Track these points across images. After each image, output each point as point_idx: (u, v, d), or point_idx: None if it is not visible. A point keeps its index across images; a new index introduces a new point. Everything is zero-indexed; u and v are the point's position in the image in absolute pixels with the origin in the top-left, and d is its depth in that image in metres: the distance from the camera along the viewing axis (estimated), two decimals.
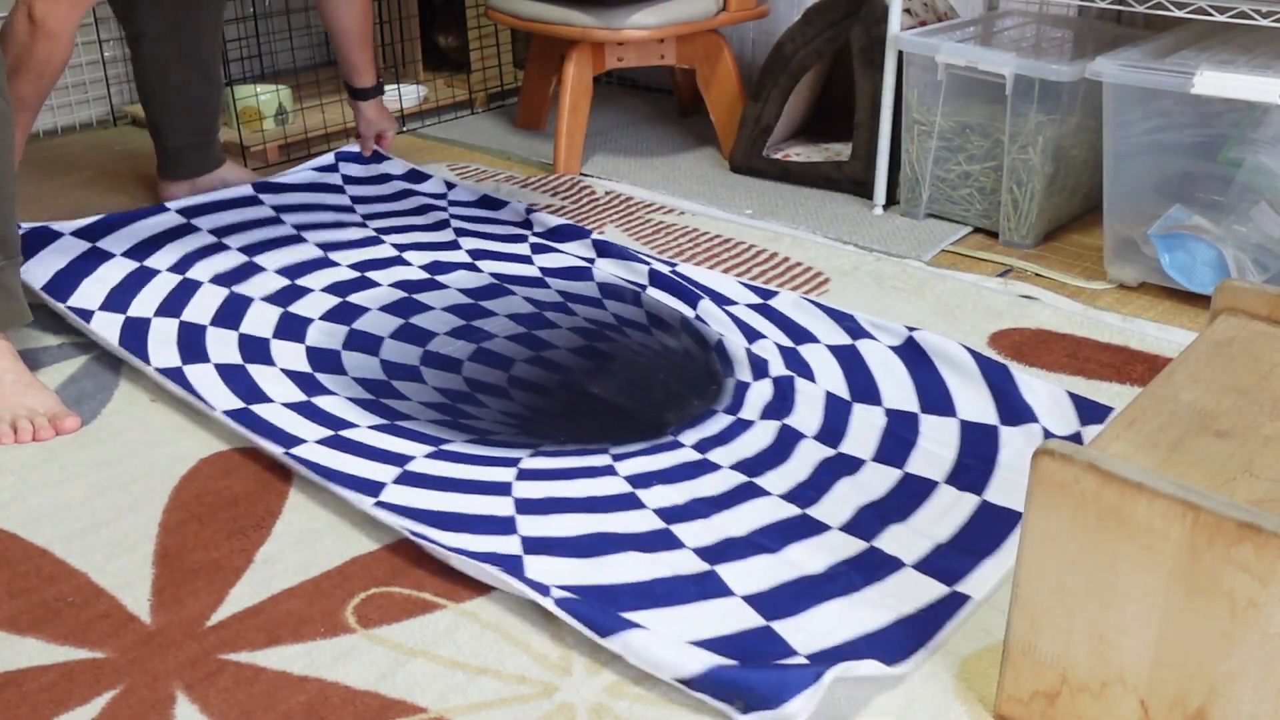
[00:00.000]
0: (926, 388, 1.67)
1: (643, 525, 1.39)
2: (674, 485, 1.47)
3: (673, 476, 1.49)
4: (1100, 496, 0.96)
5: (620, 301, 2.00)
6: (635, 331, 1.91)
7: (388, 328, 1.90)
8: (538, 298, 2.02)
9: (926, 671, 1.17)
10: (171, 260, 2.06)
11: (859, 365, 1.74)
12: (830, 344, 1.80)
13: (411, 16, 3.20)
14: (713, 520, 1.40)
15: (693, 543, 1.36)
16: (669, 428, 1.62)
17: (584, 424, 1.65)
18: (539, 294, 2.03)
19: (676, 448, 1.56)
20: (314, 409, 1.64)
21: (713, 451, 1.55)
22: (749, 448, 1.55)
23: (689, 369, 1.78)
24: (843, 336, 1.81)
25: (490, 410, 1.69)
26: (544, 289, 2.05)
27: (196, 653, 1.20)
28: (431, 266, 2.12)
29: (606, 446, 1.56)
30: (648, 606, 1.24)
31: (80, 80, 3.01)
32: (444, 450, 1.54)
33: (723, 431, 1.59)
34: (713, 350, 1.81)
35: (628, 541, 1.35)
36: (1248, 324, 1.27)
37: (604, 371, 1.80)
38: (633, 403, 1.71)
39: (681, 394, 1.72)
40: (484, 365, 1.81)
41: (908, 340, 1.76)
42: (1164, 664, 0.97)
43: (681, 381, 1.75)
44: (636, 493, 1.45)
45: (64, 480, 1.50)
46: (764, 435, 1.58)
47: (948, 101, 2.24)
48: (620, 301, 2.00)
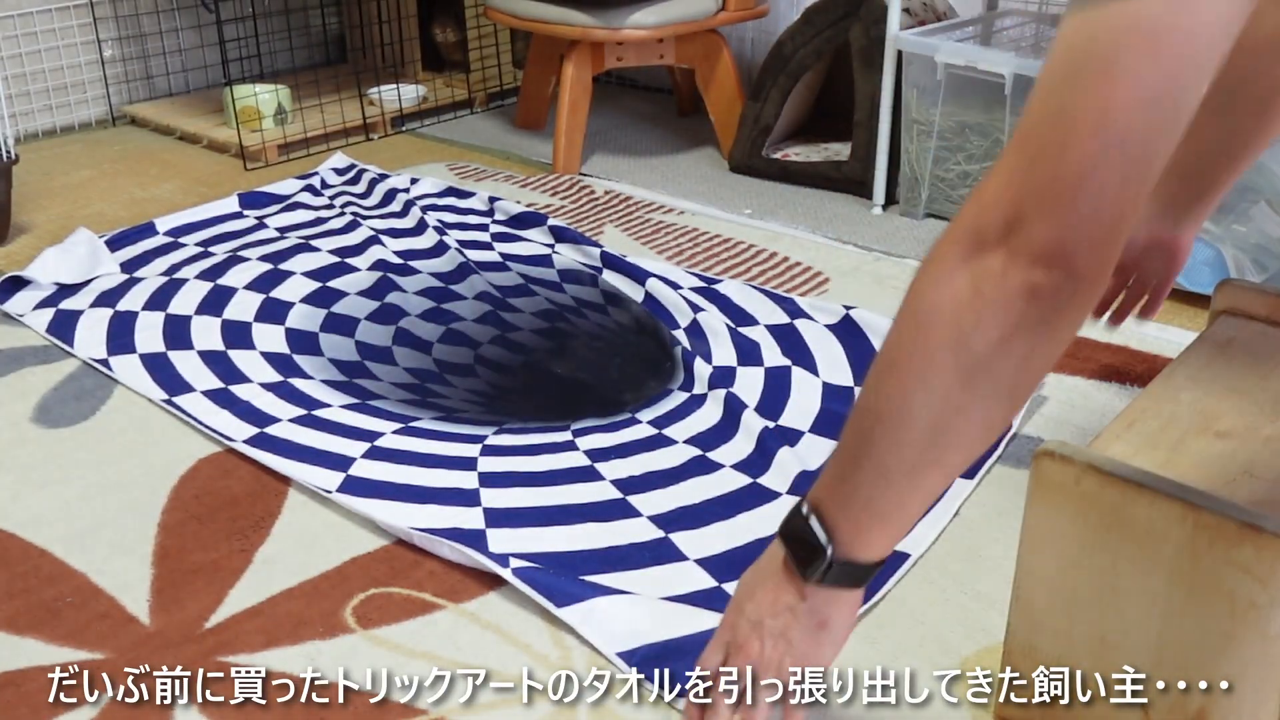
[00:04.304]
0: (862, 362, 1.73)
1: (601, 495, 1.44)
2: (631, 459, 1.52)
3: (630, 450, 1.54)
4: (1100, 497, 0.96)
5: (579, 285, 2.06)
6: (594, 313, 1.97)
7: (363, 310, 1.95)
8: (501, 282, 2.06)
9: (927, 671, 1.17)
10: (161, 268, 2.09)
11: (798, 343, 1.81)
12: (769, 324, 1.86)
13: (411, 16, 3.20)
14: (668, 491, 1.45)
15: (648, 511, 1.41)
16: (627, 406, 1.67)
17: (546, 402, 1.71)
18: (502, 278, 2.08)
19: (634, 424, 1.61)
20: (290, 389, 1.69)
21: (669, 428, 1.60)
22: (702, 422, 1.61)
23: (644, 349, 1.85)
24: (782, 317, 1.88)
25: (458, 389, 1.74)
26: (506, 273, 2.10)
27: (195, 653, 1.20)
28: (405, 253, 2.17)
29: (568, 423, 1.61)
30: (604, 570, 1.30)
31: (80, 80, 3.01)
32: (412, 427, 1.59)
33: (678, 408, 1.65)
34: (662, 324, 1.87)
35: (587, 511, 1.41)
36: (1247, 324, 1.27)
37: (565, 352, 1.87)
38: (592, 381, 1.78)
39: (638, 374, 1.78)
40: (452, 346, 1.86)
41: (844, 319, 1.84)
42: (1164, 665, 0.97)
43: (638, 361, 1.82)
44: (595, 465, 1.50)
45: (64, 480, 1.50)
46: (714, 410, 1.63)
47: (947, 101, 2.23)
48: (579, 285, 2.06)
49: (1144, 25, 0.67)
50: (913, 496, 0.85)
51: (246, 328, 1.87)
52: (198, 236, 2.23)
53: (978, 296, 0.74)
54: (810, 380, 1.71)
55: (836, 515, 0.87)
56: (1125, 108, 0.68)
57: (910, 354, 0.79)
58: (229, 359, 1.77)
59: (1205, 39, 0.68)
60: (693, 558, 1.33)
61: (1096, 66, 0.68)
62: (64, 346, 1.82)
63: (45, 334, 1.86)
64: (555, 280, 2.08)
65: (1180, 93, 0.69)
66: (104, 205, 2.49)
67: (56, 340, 1.83)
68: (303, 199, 2.44)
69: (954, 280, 0.75)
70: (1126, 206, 0.71)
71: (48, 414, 1.66)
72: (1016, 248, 0.72)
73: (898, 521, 0.87)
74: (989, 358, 0.75)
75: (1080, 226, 0.71)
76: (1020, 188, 0.72)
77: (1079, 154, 0.69)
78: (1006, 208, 0.72)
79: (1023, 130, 0.73)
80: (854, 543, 0.87)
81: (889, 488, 0.84)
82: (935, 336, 0.77)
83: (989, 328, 0.74)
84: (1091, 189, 0.70)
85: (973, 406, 0.78)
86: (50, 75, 2.95)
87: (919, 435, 0.80)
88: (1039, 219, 0.71)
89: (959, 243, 0.76)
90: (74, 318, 1.89)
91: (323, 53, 3.46)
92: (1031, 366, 0.77)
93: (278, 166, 2.72)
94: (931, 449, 0.81)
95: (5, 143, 2.25)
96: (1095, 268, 0.72)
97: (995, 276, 0.73)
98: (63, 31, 2.95)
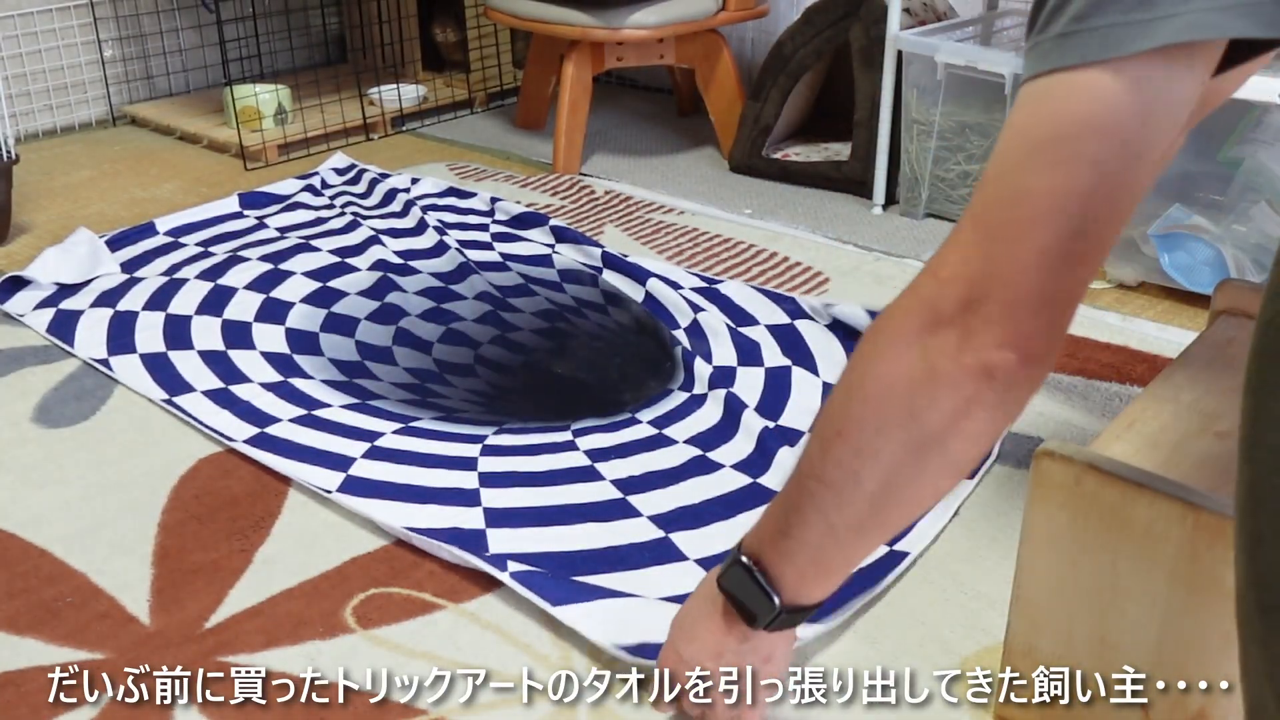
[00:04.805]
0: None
1: (601, 496, 1.44)
2: (631, 459, 1.52)
3: (630, 450, 1.54)
4: (1101, 497, 0.96)
5: (579, 285, 2.05)
6: (594, 313, 1.97)
7: (364, 310, 1.95)
8: (501, 282, 2.06)
9: (927, 671, 1.17)
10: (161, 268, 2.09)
11: (798, 343, 1.81)
12: (770, 324, 1.86)
13: (411, 16, 3.20)
14: (668, 491, 1.45)
15: (649, 511, 1.41)
16: (627, 406, 1.67)
17: (546, 402, 1.71)
18: (502, 278, 2.08)
19: (634, 424, 1.61)
20: (290, 389, 1.69)
21: (669, 428, 1.59)
22: (702, 422, 1.60)
23: (645, 349, 1.85)
24: (782, 317, 1.88)
25: (458, 389, 1.74)
26: (506, 273, 2.10)
27: (195, 654, 1.20)
28: (405, 253, 2.16)
29: (568, 423, 1.61)
30: (604, 571, 1.29)
31: (80, 80, 3.01)
32: (412, 427, 1.59)
33: (678, 408, 1.64)
34: (662, 324, 1.87)
35: (586, 512, 1.41)
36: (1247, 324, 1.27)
37: (565, 352, 1.86)
38: (593, 382, 1.77)
39: (638, 374, 1.77)
40: (452, 345, 1.86)
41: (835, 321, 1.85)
42: (1164, 665, 0.97)
43: (638, 361, 1.81)
44: (595, 465, 1.50)
45: (64, 480, 1.50)
46: (714, 410, 1.62)
47: (947, 101, 2.23)
48: (579, 285, 2.05)
49: (1101, 111, 0.66)
50: (859, 550, 0.88)
51: (246, 328, 1.87)
52: (198, 236, 2.23)
53: (931, 374, 0.74)
54: (810, 380, 1.71)
55: (782, 567, 0.90)
56: (1082, 194, 0.68)
57: (860, 426, 0.79)
58: (229, 359, 1.77)
59: (1162, 124, 0.67)
60: (693, 557, 1.33)
61: (1054, 152, 0.68)
62: (64, 346, 1.82)
63: (45, 334, 1.86)
64: (555, 280, 2.08)
65: (1134, 178, 0.68)
66: (104, 205, 2.49)
67: (57, 340, 1.83)
68: (303, 199, 2.43)
69: (907, 355, 0.75)
70: (1079, 288, 0.72)
71: (48, 414, 1.66)
72: (972, 328, 0.72)
73: (843, 571, 0.90)
74: (941, 434, 0.76)
75: (1037, 310, 0.71)
76: (977, 269, 0.71)
77: (1036, 240, 0.69)
78: (963, 287, 0.72)
79: (980, 206, 0.72)
80: (799, 591, 0.90)
81: (835, 544, 0.86)
82: (886, 411, 0.77)
83: (943, 405, 0.74)
84: (1047, 274, 0.70)
85: (922, 478, 0.79)
86: (50, 75, 2.95)
87: (867, 501, 0.81)
88: (995, 301, 0.71)
89: (913, 316, 0.75)
90: (74, 318, 1.89)
91: (323, 53, 3.46)
92: (981, 442, 0.77)
93: (278, 166, 2.72)
94: (879, 513, 0.82)
95: (5, 143, 2.25)
96: (1048, 348, 0.73)
97: (950, 355, 0.73)
98: (63, 31, 2.95)
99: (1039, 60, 0.69)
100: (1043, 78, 0.69)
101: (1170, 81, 0.66)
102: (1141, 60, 0.65)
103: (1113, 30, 0.66)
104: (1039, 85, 0.69)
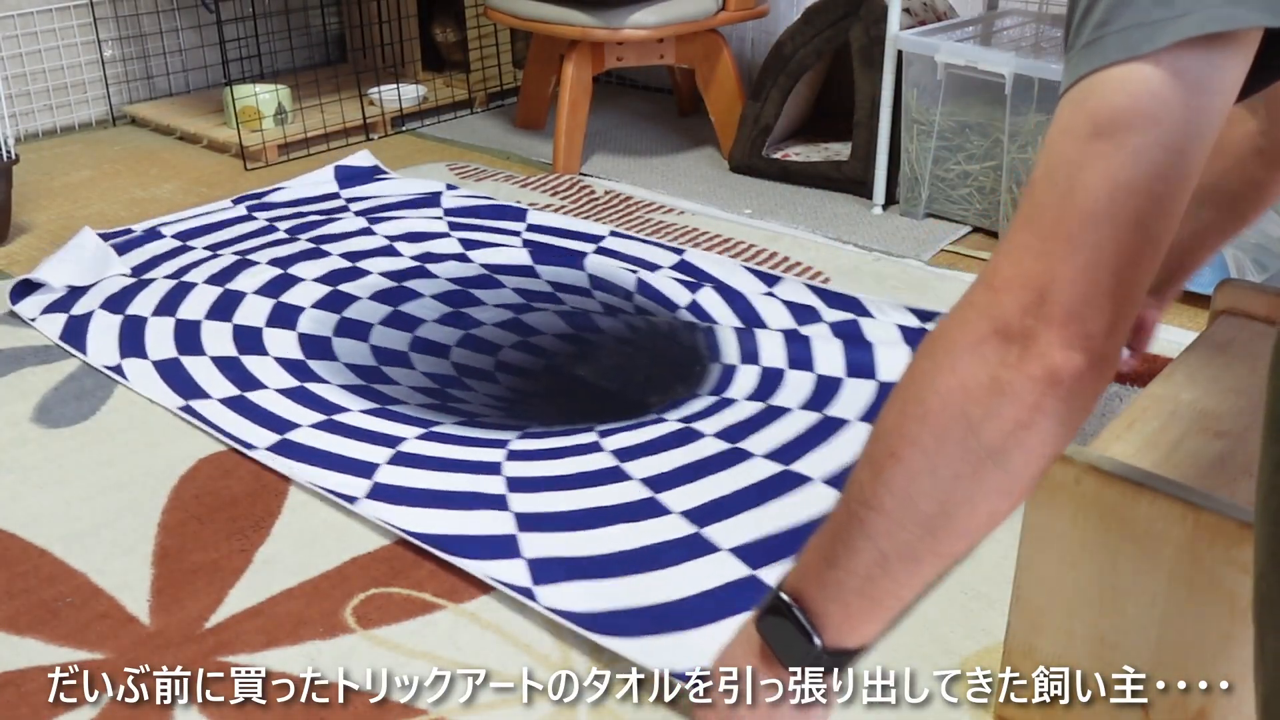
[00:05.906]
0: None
1: (630, 496, 1.43)
2: (658, 455, 1.51)
3: (657, 447, 1.53)
4: (1101, 497, 0.96)
5: (609, 293, 2.03)
6: (621, 318, 1.95)
7: (377, 315, 1.93)
8: (527, 287, 2.05)
9: (927, 671, 1.16)
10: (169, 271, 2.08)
11: (860, 342, 1.78)
12: (832, 321, 1.84)
13: (411, 16, 3.20)
14: (698, 484, 1.44)
15: (679, 507, 1.40)
16: (653, 409, 1.65)
17: (569, 407, 1.70)
18: (529, 283, 2.06)
19: (660, 422, 1.59)
20: (307, 394, 1.68)
21: (697, 423, 1.58)
22: (733, 417, 1.59)
23: (673, 355, 1.83)
24: (845, 314, 1.86)
25: (478, 394, 1.73)
26: (534, 279, 2.08)
27: (195, 653, 1.20)
28: (422, 256, 2.14)
29: (592, 425, 1.60)
30: (638, 571, 1.29)
31: (80, 80, 3.01)
32: (434, 432, 1.57)
33: (707, 408, 1.63)
34: (699, 334, 1.85)
35: (616, 513, 1.39)
36: (1247, 324, 1.27)
37: (589, 357, 1.84)
38: (617, 386, 1.76)
39: (665, 378, 1.76)
40: (471, 351, 1.84)
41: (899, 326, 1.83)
42: (1164, 665, 0.97)
43: (666, 366, 1.80)
44: (622, 465, 1.49)
45: (64, 480, 1.50)
46: (748, 410, 1.61)
47: (947, 101, 2.23)
48: (609, 293, 2.03)
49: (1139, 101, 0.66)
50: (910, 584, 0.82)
51: (258, 333, 1.85)
52: (206, 240, 2.22)
53: (994, 385, 0.71)
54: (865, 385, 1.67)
55: (826, 604, 0.83)
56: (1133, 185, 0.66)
57: (916, 445, 0.75)
58: (242, 364, 1.75)
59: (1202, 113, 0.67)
60: (725, 547, 1.32)
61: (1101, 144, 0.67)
62: (78, 354, 1.80)
63: (59, 341, 1.84)
64: (585, 286, 2.04)
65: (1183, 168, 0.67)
66: (104, 205, 2.49)
67: (71, 348, 1.82)
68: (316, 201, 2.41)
69: (966, 368, 0.72)
70: (1139, 286, 0.70)
71: (48, 414, 1.66)
72: (1035, 332, 0.69)
73: (892, 609, 0.83)
74: (1002, 448, 0.72)
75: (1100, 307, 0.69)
76: (1034, 271, 0.69)
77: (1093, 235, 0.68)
78: (1021, 291, 0.70)
79: (1030, 209, 0.70)
80: (844, 630, 0.84)
81: (885, 575, 0.81)
82: (944, 427, 0.73)
83: (1005, 416, 0.71)
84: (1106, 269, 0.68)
85: (979, 499, 0.75)
86: (50, 75, 2.95)
87: (921, 526, 0.77)
88: (1057, 303, 0.69)
89: (970, 328, 0.72)
90: (85, 324, 1.87)
91: (323, 53, 3.46)
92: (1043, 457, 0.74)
93: (278, 166, 2.72)
94: (934, 539, 0.78)
95: (5, 143, 2.25)
96: (1114, 349, 0.70)
97: (1013, 364, 0.70)
98: (63, 31, 2.95)
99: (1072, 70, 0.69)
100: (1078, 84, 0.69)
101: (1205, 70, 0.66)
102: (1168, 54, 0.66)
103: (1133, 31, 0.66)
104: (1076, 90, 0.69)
